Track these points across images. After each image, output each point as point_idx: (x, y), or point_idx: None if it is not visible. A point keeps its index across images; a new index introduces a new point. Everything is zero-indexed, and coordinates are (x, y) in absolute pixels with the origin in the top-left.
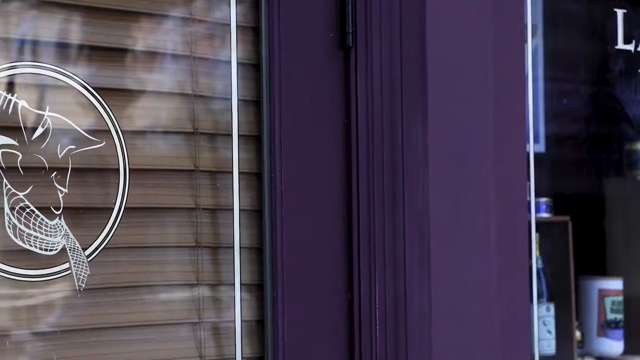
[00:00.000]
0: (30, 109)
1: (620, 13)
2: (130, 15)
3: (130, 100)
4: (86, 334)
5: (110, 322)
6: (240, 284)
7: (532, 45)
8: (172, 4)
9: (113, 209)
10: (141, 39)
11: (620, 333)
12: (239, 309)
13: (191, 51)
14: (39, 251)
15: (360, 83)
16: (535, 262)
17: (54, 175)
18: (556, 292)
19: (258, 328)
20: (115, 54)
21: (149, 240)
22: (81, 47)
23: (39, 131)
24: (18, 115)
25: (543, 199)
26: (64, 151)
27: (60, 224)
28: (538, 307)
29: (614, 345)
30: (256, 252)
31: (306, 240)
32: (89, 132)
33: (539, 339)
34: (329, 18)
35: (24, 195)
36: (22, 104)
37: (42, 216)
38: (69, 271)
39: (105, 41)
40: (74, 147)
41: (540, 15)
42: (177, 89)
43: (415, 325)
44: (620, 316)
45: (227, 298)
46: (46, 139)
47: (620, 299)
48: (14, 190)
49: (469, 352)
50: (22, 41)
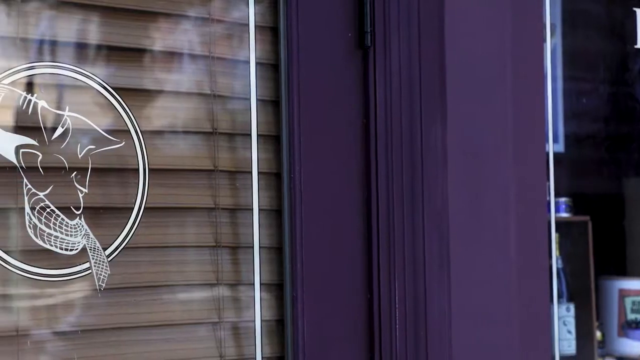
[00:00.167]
0: (50, 109)
1: (639, 12)
2: (149, 16)
3: (149, 100)
4: (106, 334)
5: (130, 321)
6: (260, 284)
7: (551, 45)
8: (190, 4)
9: (133, 208)
10: (160, 39)
11: None
12: (258, 308)
13: (210, 51)
14: (60, 251)
15: (378, 82)
16: (555, 262)
17: (74, 175)
18: (576, 292)
19: (278, 328)
20: (134, 54)
21: (168, 240)
22: (99, 47)
23: (59, 131)
24: (38, 115)
25: (563, 199)
26: (84, 151)
27: (81, 223)
28: (558, 307)
29: (635, 346)
30: (275, 252)
31: (325, 240)
32: (109, 132)
33: (559, 339)
34: (347, 17)
35: (44, 195)
36: (41, 104)
37: (62, 216)
38: (89, 271)
39: (124, 41)
40: (93, 147)
41: (558, 15)
42: (196, 89)
43: (435, 325)
44: None
45: (246, 298)
46: (66, 139)
47: None
48: (34, 190)
49: (489, 352)
50: (40, 41)
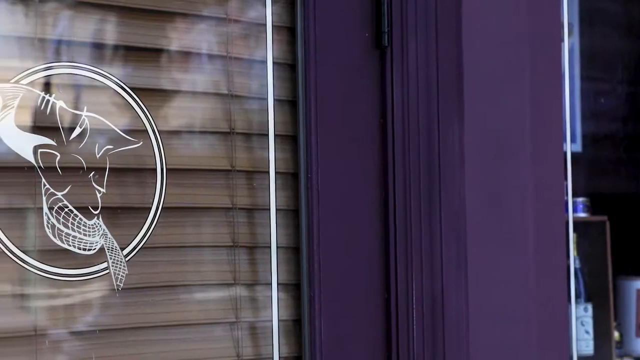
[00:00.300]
0: (68, 109)
1: None
2: (166, 16)
3: (167, 100)
4: (124, 334)
5: (148, 321)
6: (277, 284)
7: (569, 44)
8: (207, 4)
9: (150, 208)
10: (177, 39)
11: None
12: (276, 308)
13: (227, 51)
14: (78, 251)
15: (396, 82)
16: (573, 262)
17: (92, 175)
18: (594, 292)
19: (295, 327)
20: (151, 54)
21: (186, 240)
22: (117, 47)
23: (77, 131)
24: (56, 115)
25: (580, 199)
26: (102, 151)
27: (99, 223)
28: (576, 308)
29: None
30: (293, 252)
31: (343, 240)
32: (126, 132)
33: (576, 340)
34: (365, 17)
35: (62, 195)
36: (59, 104)
37: (80, 216)
38: (107, 271)
39: (141, 41)
40: (111, 147)
41: (576, 14)
42: (213, 89)
43: (452, 325)
44: None
45: (264, 297)
46: (84, 139)
47: None
48: (52, 190)
49: (507, 352)
50: (58, 42)
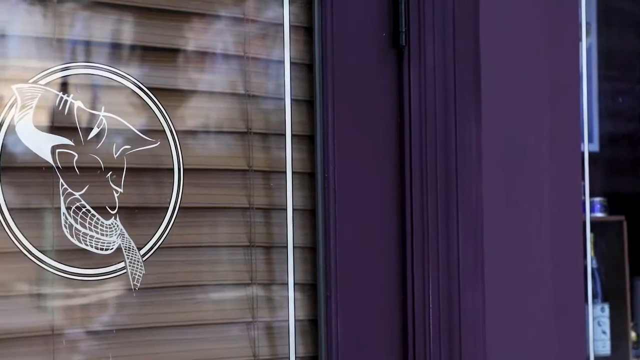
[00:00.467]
0: (86, 109)
1: None
2: (183, 16)
3: (184, 100)
4: (141, 333)
5: (164, 321)
6: (294, 284)
7: (586, 44)
8: (225, 4)
9: (168, 208)
10: (194, 39)
11: None
12: (292, 308)
13: (244, 51)
14: (95, 250)
15: (413, 82)
16: (590, 262)
17: (109, 175)
18: (611, 292)
19: (311, 328)
20: (168, 54)
21: (203, 239)
22: (134, 48)
23: (95, 131)
24: (74, 115)
25: (597, 199)
26: (119, 151)
27: (116, 223)
28: (593, 308)
29: None
30: (309, 252)
31: (359, 240)
32: (144, 132)
33: (593, 340)
34: (382, 17)
35: (80, 195)
36: (77, 104)
37: (97, 216)
38: (124, 270)
39: (158, 41)
40: (129, 147)
41: (594, 13)
42: (230, 89)
43: (469, 325)
44: None
45: (280, 297)
46: (101, 139)
47: None
48: (70, 190)
49: (524, 352)
50: (75, 42)
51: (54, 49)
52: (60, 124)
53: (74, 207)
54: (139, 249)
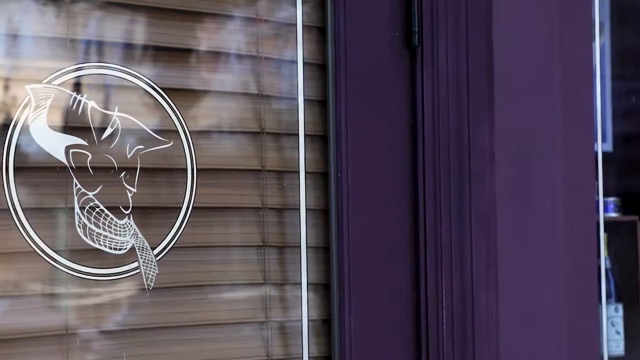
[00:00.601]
0: (99, 109)
1: None
2: (197, 16)
3: (197, 100)
4: (155, 333)
5: (178, 321)
6: (307, 283)
7: (600, 43)
8: (237, 4)
9: (181, 208)
10: (207, 39)
11: None
12: (305, 308)
13: (257, 51)
14: (109, 250)
15: (426, 82)
16: (604, 262)
17: (123, 175)
18: (625, 293)
19: (324, 327)
20: (181, 54)
21: (216, 239)
22: (147, 48)
23: (108, 131)
24: (87, 115)
25: (611, 199)
26: (133, 151)
27: (130, 223)
28: (606, 308)
29: None
30: (322, 252)
31: (372, 240)
32: (157, 132)
33: (607, 340)
34: (395, 17)
35: (93, 195)
36: (91, 104)
37: (111, 215)
38: (137, 270)
39: (172, 41)
40: (142, 147)
41: (607, 13)
42: (243, 88)
43: (482, 325)
44: None
45: (293, 297)
46: (115, 139)
47: None
48: (83, 190)
49: (537, 352)
50: (88, 42)
51: (67, 49)
52: (73, 124)
53: (87, 207)
54: (153, 248)
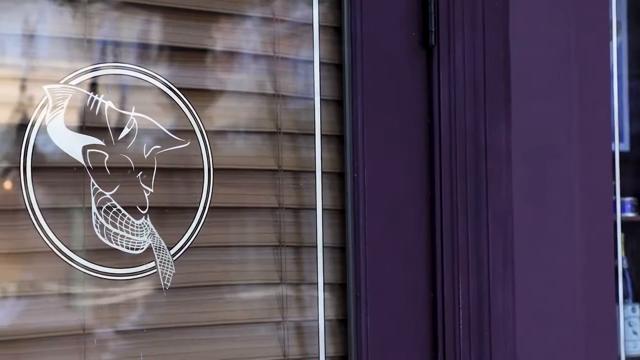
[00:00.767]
0: (116, 109)
1: None
2: (213, 16)
3: (214, 100)
4: (171, 333)
5: (195, 320)
6: (324, 283)
7: (617, 43)
8: (253, 4)
9: (198, 208)
10: (223, 39)
11: None
12: (322, 308)
13: (273, 51)
14: (126, 250)
15: (442, 82)
16: (621, 262)
17: (139, 175)
18: None
19: (341, 327)
20: (197, 54)
21: (232, 239)
22: (163, 48)
23: (125, 131)
24: (104, 115)
25: (628, 199)
26: (150, 151)
27: (146, 223)
28: (624, 308)
29: None
30: (339, 252)
31: (389, 240)
32: (174, 132)
33: (624, 340)
34: (411, 17)
35: (110, 195)
36: (108, 104)
37: (128, 215)
38: (154, 270)
39: (188, 42)
40: (159, 147)
41: (624, 12)
42: (259, 88)
43: (499, 325)
44: None
45: (309, 297)
46: (132, 139)
47: None
48: (101, 190)
49: (554, 352)
50: (105, 42)
51: (84, 49)
52: (91, 124)
53: (104, 207)
54: (169, 248)
